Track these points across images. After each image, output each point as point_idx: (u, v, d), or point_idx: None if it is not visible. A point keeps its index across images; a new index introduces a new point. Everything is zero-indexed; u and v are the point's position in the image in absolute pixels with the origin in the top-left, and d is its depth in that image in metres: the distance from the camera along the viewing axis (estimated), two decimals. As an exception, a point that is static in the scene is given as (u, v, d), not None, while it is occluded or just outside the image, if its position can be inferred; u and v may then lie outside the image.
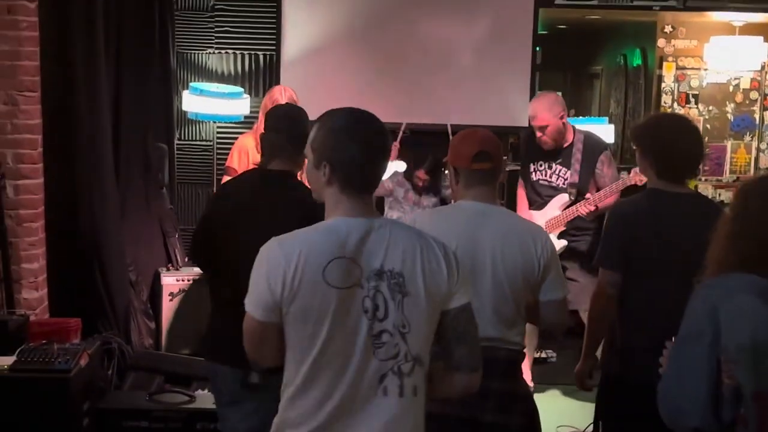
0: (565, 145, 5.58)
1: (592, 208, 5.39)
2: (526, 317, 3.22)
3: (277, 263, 2.26)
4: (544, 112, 5.49)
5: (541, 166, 5.69)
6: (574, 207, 5.48)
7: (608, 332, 3.63)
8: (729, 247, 2.46)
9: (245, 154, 5.58)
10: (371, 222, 2.33)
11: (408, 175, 6.40)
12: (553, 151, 5.60)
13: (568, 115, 5.90)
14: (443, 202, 6.51)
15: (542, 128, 5.53)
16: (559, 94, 5.78)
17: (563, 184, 5.58)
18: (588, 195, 5.48)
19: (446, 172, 6.46)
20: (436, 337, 2.38)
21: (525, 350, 3.30)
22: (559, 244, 5.43)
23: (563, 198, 5.57)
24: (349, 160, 2.34)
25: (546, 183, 5.69)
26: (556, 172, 5.60)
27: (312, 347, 2.26)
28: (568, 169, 5.56)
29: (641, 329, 3.43)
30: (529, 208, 5.76)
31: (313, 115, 5.34)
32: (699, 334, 2.37)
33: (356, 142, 2.35)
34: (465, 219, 3.16)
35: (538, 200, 5.73)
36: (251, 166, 5.11)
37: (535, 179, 5.74)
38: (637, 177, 5.19)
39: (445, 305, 2.35)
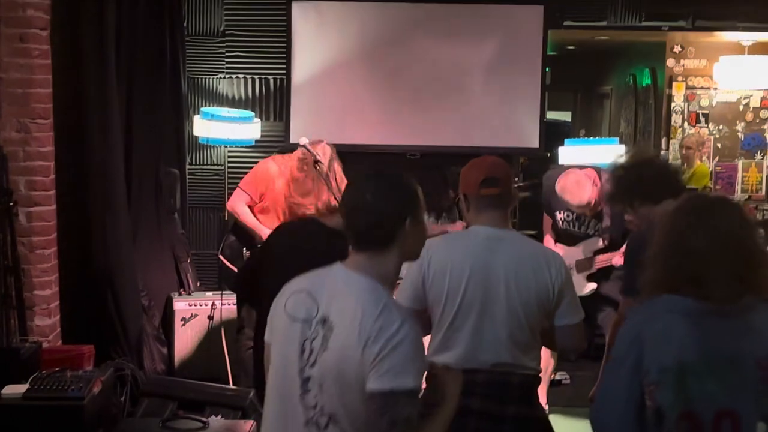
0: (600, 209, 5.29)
1: None
2: (540, 342, 3.20)
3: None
4: (582, 197, 5.14)
5: (568, 216, 5.42)
6: (608, 255, 5.25)
7: None
8: (657, 265, 2.45)
9: (266, 182, 5.52)
10: (350, 275, 2.34)
11: (430, 203, 6.41)
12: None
13: (578, 136, 5.84)
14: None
15: (581, 206, 5.22)
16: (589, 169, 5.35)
17: (593, 234, 5.37)
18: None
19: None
20: None
21: (540, 374, 3.28)
22: (588, 287, 5.31)
23: (596, 242, 5.35)
24: (345, 211, 2.41)
25: (573, 233, 5.44)
26: (585, 222, 5.37)
27: (271, 370, 2.41)
28: (599, 221, 5.31)
29: None
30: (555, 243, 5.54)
31: (323, 138, 5.41)
32: (623, 358, 2.40)
33: (344, 195, 2.47)
34: (478, 244, 3.15)
35: (565, 242, 5.48)
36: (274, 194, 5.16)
37: (562, 228, 5.48)
38: None
39: (365, 384, 2.20)
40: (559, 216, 5.46)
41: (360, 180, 2.43)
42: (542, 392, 5.33)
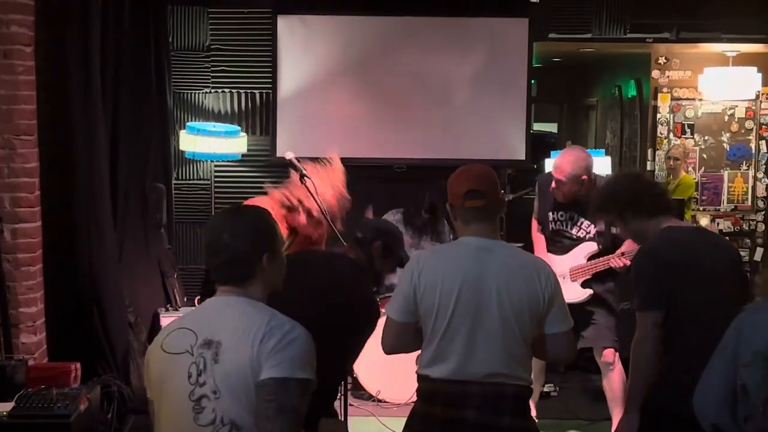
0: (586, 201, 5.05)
1: (628, 262, 4.94)
2: (532, 352, 3.20)
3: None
4: (567, 168, 5.11)
5: (561, 216, 5.35)
6: (604, 259, 5.15)
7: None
8: None
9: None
10: (227, 299, 2.48)
11: (408, 217, 6.43)
12: (575, 202, 5.25)
13: (564, 146, 5.81)
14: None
15: (558, 182, 5.18)
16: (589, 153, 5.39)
17: (585, 237, 5.30)
18: (623, 248, 5.08)
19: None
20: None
21: (532, 386, 3.28)
22: (585, 293, 5.23)
23: (590, 246, 5.27)
24: (204, 248, 2.54)
25: (565, 234, 5.38)
26: (579, 224, 5.30)
27: (156, 413, 2.50)
28: (592, 223, 5.23)
29: (692, 358, 3.42)
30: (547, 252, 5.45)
31: (307, 152, 5.42)
32: (724, 346, 2.66)
33: (205, 232, 2.60)
34: (468, 255, 3.15)
35: (556, 248, 5.41)
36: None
37: (554, 228, 5.40)
38: None
39: (256, 377, 2.35)
40: (552, 216, 5.39)
41: (218, 218, 2.59)
42: (531, 404, 5.34)
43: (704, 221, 7.93)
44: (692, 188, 7.67)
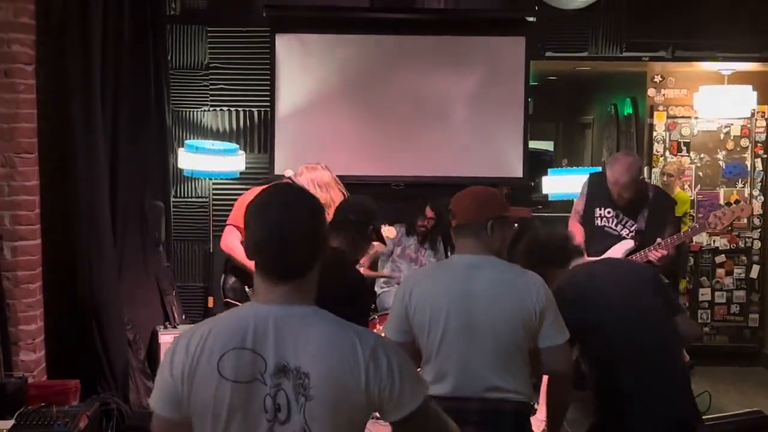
0: (643, 202, 5.41)
1: (665, 252, 5.22)
2: (529, 366, 3.21)
3: (179, 353, 2.08)
4: (625, 176, 5.27)
5: (608, 213, 5.49)
6: (642, 252, 5.29)
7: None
8: None
9: None
10: (286, 309, 2.07)
11: (410, 230, 6.47)
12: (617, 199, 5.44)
13: (562, 166, 5.87)
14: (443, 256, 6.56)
15: (622, 190, 5.33)
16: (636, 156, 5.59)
17: (627, 235, 5.43)
18: (659, 240, 5.27)
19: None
20: None
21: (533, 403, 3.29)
22: None
23: (628, 243, 5.38)
24: (258, 243, 2.09)
25: (610, 230, 5.49)
26: (623, 222, 5.44)
27: None
28: (632, 219, 5.41)
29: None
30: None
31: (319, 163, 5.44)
32: None
33: (264, 224, 2.09)
34: (457, 272, 3.20)
35: (598, 247, 5.44)
36: None
37: (599, 224, 5.53)
38: (715, 220, 5.20)
39: (387, 417, 2.08)
40: (599, 212, 5.52)
41: (271, 203, 2.12)
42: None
43: (701, 239, 7.96)
44: (687, 204, 7.69)
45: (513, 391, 3.12)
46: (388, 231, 5.83)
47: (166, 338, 5.97)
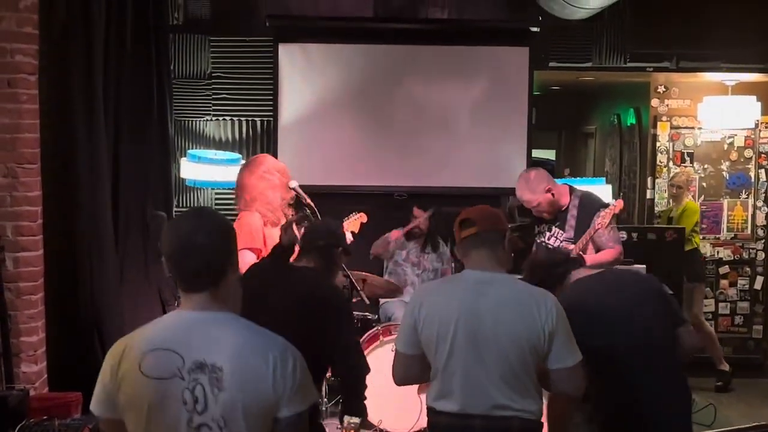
0: (562, 209, 5.42)
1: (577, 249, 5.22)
2: (538, 383, 3.17)
3: (107, 359, 2.35)
4: (528, 194, 5.32)
5: (544, 228, 5.53)
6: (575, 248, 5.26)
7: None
8: None
9: (260, 233, 5.28)
10: (203, 314, 2.30)
11: (410, 235, 6.46)
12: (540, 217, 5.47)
13: (564, 175, 5.87)
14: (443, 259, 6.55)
15: (534, 208, 5.39)
16: (539, 168, 5.55)
17: (559, 245, 5.50)
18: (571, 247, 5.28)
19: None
20: None
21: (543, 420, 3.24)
22: None
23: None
24: (169, 254, 2.32)
25: (548, 246, 5.50)
26: (555, 234, 5.53)
27: None
28: (562, 229, 5.42)
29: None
30: None
31: (308, 180, 5.44)
32: None
33: (175, 240, 2.31)
34: (467, 288, 3.15)
35: None
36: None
37: (539, 241, 5.55)
38: (600, 220, 5.17)
39: (274, 412, 2.26)
40: (537, 229, 5.53)
41: (182, 223, 2.35)
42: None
43: (705, 250, 7.93)
44: (697, 214, 7.64)
45: (520, 409, 3.08)
46: (355, 221, 5.70)
47: (167, 349, 5.92)
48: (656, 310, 3.58)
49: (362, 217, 5.70)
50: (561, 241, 5.44)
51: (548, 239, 5.54)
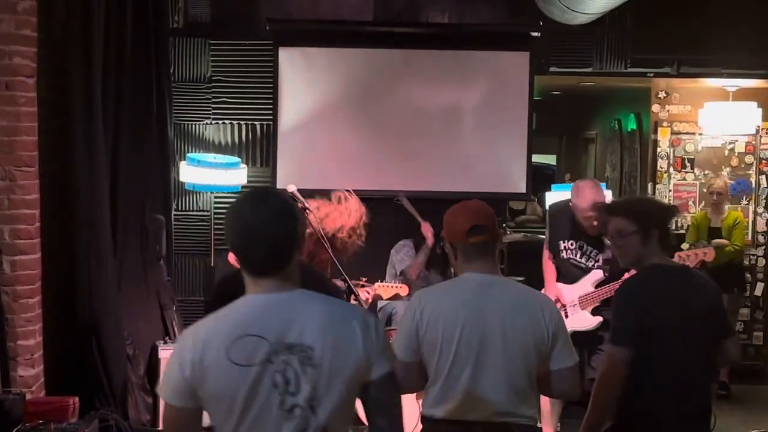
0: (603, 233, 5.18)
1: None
2: (537, 388, 3.16)
3: (186, 348, 2.28)
4: (600, 196, 5.24)
5: (572, 245, 5.45)
6: (611, 285, 5.17)
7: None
8: None
9: None
10: (278, 296, 2.30)
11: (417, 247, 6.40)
12: (583, 231, 5.36)
13: (564, 181, 5.84)
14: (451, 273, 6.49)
15: (590, 217, 5.18)
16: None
17: (593, 266, 5.40)
18: (626, 275, 5.04)
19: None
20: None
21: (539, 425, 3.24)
22: (595, 320, 5.30)
23: (597, 274, 5.36)
24: (237, 243, 2.32)
25: (575, 263, 5.46)
26: (587, 253, 5.41)
27: (229, 425, 2.26)
28: (600, 251, 5.36)
29: (664, 394, 3.46)
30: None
31: (308, 184, 5.44)
32: None
33: (241, 223, 2.31)
34: (470, 291, 3.12)
35: (566, 280, 5.50)
36: None
37: (565, 257, 5.49)
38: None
39: (365, 377, 2.29)
40: (563, 245, 5.47)
41: (247, 206, 2.34)
42: None
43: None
44: (742, 223, 7.49)
45: (520, 415, 3.07)
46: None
47: (166, 353, 5.90)
48: (713, 322, 3.55)
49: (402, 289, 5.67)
50: (597, 262, 5.35)
51: (579, 257, 5.41)
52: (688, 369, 3.46)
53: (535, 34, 7.01)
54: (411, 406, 3.43)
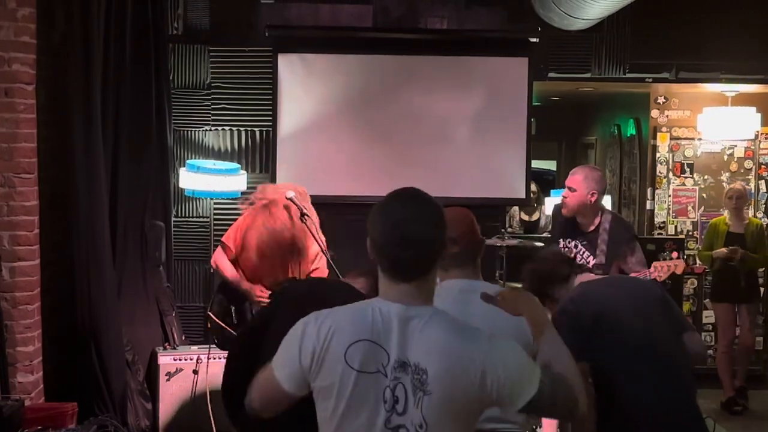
0: (591, 228, 5.29)
1: None
2: None
3: (309, 337, 2.23)
4: (579, 176, 5.29)
5: (569, 243, 5.43)
6: None
7: None
8: None
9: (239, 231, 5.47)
10: (408, 309, 2.22)
11: None
12: (580, 231, 5.37)
13: (563, 185, 5.82)
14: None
15: (565, 194, 5.34)
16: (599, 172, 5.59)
17: (585, 266, 5.41)
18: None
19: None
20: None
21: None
22: None
23: (587, 277, 5.38)
24: (382, 242, 2.23)
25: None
26: (581, 253, 5.36)
27: (330, 425, 2.22)
28: (592, 253, 5.31)
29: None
30: None
31: (310, 190, 5.46)
32: None
33: (389, 225, 2.24)
34: (453, 298, 3.11)
35: None
36: None
37: None
38: (656, 273, 5.10)
39: (508, 408, 2.22)
40: (563, 244, 5.47)
41: (397, 206, 2.28)
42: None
43: (707, 261, 7.91)
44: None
45: (509, 421, 3.06)
46: None
47: (165, 359, 5.91)
48: (661, 316, 3.54)
49: None
50: (588, 263, 5.35)
51: (573, 256, 5.44)
52: (648, 371, 3.42)
53: (534, 40, 7.01)
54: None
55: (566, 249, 5.44)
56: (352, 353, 2.17)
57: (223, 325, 5.35)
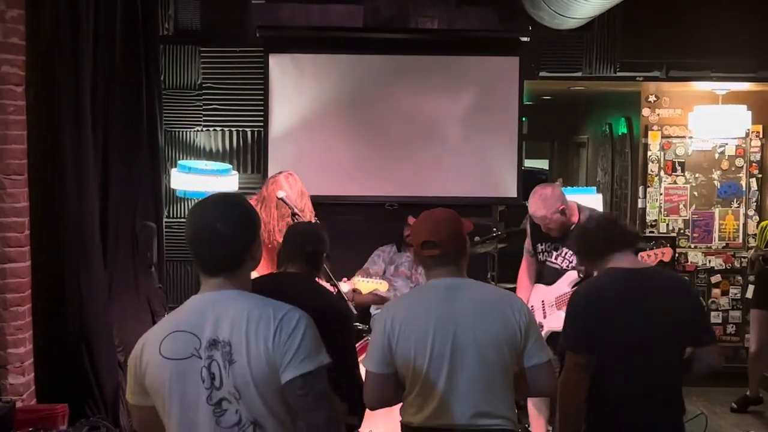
0: (572, 228, 5.23)
1: None
2: (514, 389, 3.17)
3: (133, 351, 2.47)
4: (542, 211, 5.23)
5: (548, 246, 5.47)
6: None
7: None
8: None
9: None
10: (219, 294, 2.42)
11: (398, 246, 6.41)
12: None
13: (555, 183, 5.84)
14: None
15: (545, 225, 5.30)
16: (556, 185, 5.58)
17: (568, 267, 5.39)
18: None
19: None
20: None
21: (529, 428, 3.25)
22: None
23: (573, 275, 5.36)
24: (192, 241, 2.46)
25: (551, 265, 5.47)
26: (562, 254, 5.41)
27: (165, 420, 2.42)
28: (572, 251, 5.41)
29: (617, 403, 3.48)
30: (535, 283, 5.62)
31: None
32: None
33: (197, 224, 2.46)
34: (438, 296, 3.15)
35: (546, 281, 5.52)
36: None
37: (542, 259, 5.52)
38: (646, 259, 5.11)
39: (281, 376, 2.35)
40: (540, 247, 5.50)
41: (204, 209, 2.48)
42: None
43: (697, 259, 7.93)
44: None
45: (500, 416, 3.08)
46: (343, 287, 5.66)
47: (157, 360, 5.90)
48: (684, 323, 3.52)
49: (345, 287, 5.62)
50: (571, 263, 5.36)
51: (555, 258, 5.46)
52: (647, 371, 3.45)
53: (525, 39, 7.03)
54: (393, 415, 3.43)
55: (544, 253, 5.46)
56: (165, 346, 2.37)
57: None
